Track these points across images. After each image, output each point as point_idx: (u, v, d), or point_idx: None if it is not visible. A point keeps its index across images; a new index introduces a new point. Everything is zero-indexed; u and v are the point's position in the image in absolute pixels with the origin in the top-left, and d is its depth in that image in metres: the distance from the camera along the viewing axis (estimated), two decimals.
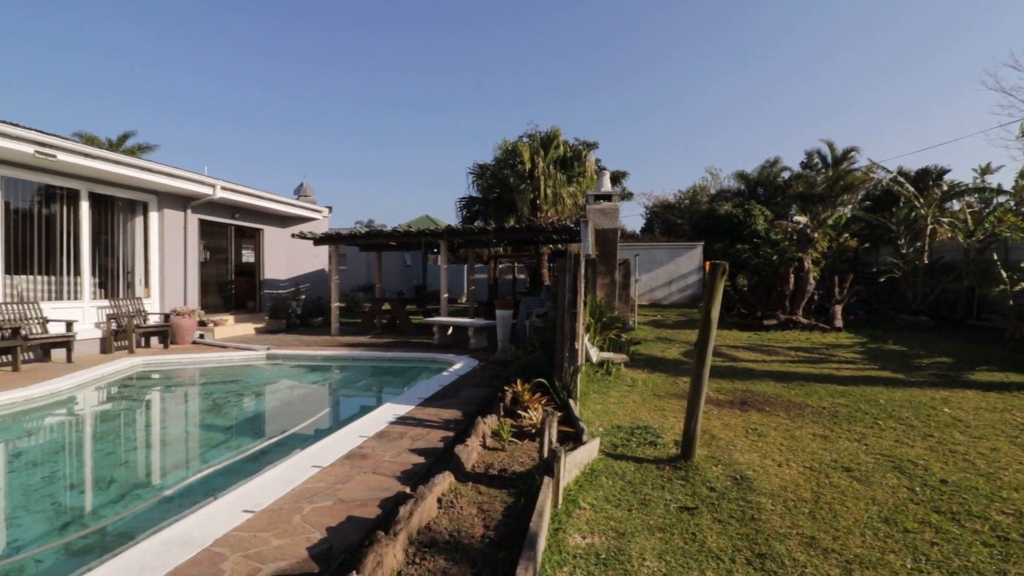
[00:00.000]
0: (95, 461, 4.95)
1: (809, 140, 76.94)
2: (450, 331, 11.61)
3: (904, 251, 14.38)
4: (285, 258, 15.34)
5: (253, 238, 14.60)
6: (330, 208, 16.54)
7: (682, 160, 69.74)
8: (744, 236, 19.25)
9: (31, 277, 8.93)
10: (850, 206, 23.08)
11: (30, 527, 3.43)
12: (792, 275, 12.83)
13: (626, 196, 25.95)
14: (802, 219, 18.01)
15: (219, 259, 13.62)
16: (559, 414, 3.64)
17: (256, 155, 75.86)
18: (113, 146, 23.07)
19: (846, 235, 18.25)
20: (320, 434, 5.19)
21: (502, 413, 4.88)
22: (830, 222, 16.74)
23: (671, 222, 30.33)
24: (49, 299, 9.11)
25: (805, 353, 9.39)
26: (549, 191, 16.18)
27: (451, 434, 4.61)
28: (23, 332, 7.97)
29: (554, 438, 3.63)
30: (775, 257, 14.68)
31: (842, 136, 56.65)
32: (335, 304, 12.92)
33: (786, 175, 26.05)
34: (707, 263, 5.24)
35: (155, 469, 4.79)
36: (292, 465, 3.79)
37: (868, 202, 22.11)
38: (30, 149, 7.88)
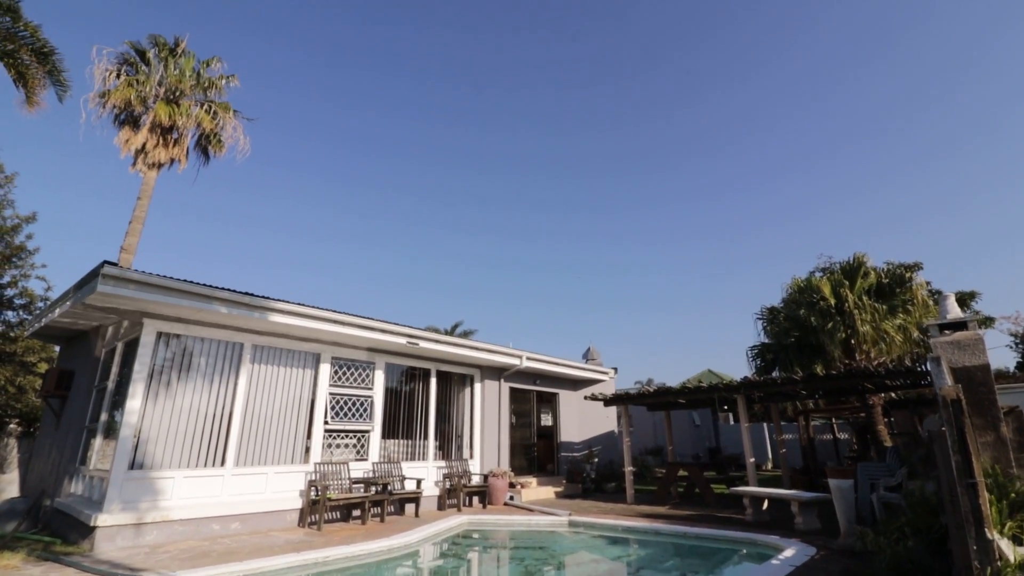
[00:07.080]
0: None
1: None
2: (765, 505, 9.74)
3: None
4: (577, 420, 16.01)
5: (550, 402, 15.82)
6: (615, 369, 17.05)
7: None
8: None
9: (396, 441, 11.28)
10: None
11: None
12: None
13: (984, 322, 19.67)
14: None
15: (523, 423, 15.02)
16: None
17: (544, 326, 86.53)
18: (449, 333, 29.55)
19: None
20: None
21: None
22: None
23: None
24: (405, 459, 11.24)
25: None
26: (867, 327, 13.39)
27: None
28: (389, 488, 9.86)
29: None
30: None
31: None
32: (628, 468, 12.47)
33: None
34: None
35: None
36: None
37: None
38: (403, 340, 10.55)
